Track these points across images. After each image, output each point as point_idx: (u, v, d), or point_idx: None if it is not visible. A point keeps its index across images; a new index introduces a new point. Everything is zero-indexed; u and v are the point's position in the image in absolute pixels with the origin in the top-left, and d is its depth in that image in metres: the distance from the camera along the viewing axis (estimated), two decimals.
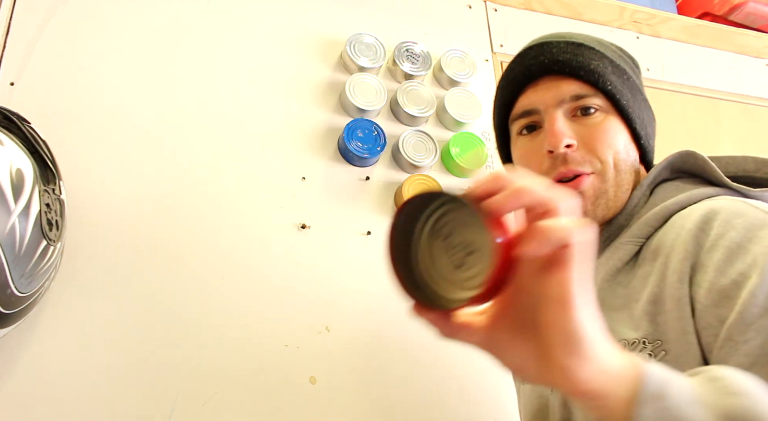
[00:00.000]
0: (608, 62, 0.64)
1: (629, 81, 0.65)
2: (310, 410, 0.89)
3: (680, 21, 1.52)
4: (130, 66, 1.01)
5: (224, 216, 0.96)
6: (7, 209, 0.62)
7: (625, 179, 0.63)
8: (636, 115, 0.65)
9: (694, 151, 0.63)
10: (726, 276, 0.48)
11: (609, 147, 0.62)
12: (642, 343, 0.53)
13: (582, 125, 0.63)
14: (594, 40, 0.68)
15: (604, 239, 0.64)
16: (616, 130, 0.63)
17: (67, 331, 0.82)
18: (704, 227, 0.52)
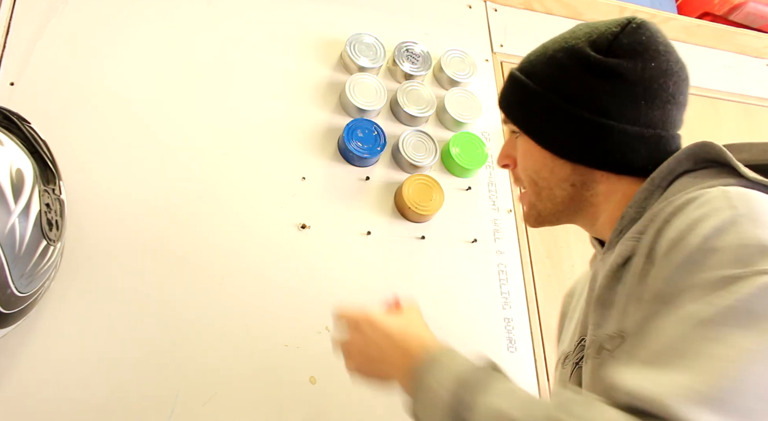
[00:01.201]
0: (520, 90, 0.68)
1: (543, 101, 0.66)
2: (310, 410, 0.89)
3: (680, 21, 1.52)
4: (130, 66, 1.01)
5: (224, 216, 0.96)
6: (7, 209, 0.62)
7: (554, 193, 0.68)
8: (544, 137, 0.67)
9: (710, 143, 0.61)
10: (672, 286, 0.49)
11: (525, 169, 0.70)
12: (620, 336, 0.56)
13: (515, 147, 0.72)
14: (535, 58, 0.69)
15: (617, 233, 0.64)
16: (531, 152, 0.68)
17: (67, 331, 0.82)
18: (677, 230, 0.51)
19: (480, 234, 1.10)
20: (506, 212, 1.15)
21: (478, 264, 1.08)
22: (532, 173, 0.69)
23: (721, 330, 0.42)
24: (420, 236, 1.06)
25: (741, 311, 0.43)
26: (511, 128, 0.71)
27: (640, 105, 0.63)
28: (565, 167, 0.67)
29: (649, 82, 0.64)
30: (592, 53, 0.64)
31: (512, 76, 0.71)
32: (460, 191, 1.13)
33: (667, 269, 0.50)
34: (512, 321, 1.06)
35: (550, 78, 0.66)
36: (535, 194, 0.70)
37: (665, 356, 0.45)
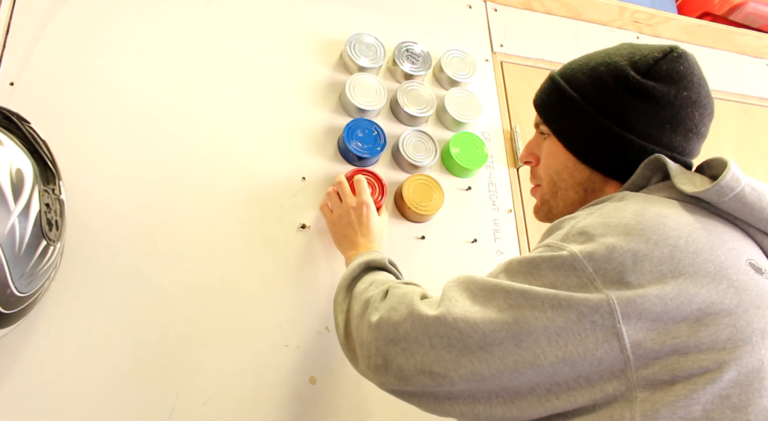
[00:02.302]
0: (558, 94, 0.74)
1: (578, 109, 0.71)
2: (310, 410, 0.89)
3: (680, 21, 1.52)
4: (130, 66, 1.01)
5: (224, 216, 0.96)
6: (6, 209, 0.62)
7: (568, 195, 0.75)
8: (573, 142, 0.73)
9: (657, 157, 0.67)
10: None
11: (546, 168, 0.77)
12: None
13: (541, 146, 0.79)
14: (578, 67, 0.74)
15: None
16: (556, 154, 0.75)
17: (67, 331, 0.82)
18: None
19: (480, 234, 1.10)
20: (506, 212, 1.15)
21: (478, 264, 1.08)
22: (553, 173, 0.76)
23: (511, 265, 0.61)
24: (420, 236, 1.06)
25: (530, 263, 0.58)
26: (541, 129, 0.78)
27: (665, 128, 0.69)
28: (584, 172, 0.73)
29: (678, 109, 0.70)
30: (632, 73, 0.69)
31: (552, 80, 0.76)
32: (460, 191, 1.13)
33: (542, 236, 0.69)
34: None
35: (587, 88, 0.71)
36: (550, 192, 0.77)
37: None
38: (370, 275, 0.78)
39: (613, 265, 0.54)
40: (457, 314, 0.58)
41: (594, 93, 0.71)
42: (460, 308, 0.59)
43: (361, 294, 0.73)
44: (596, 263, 0.54)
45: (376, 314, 0.66)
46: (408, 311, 0.62)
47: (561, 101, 0.74)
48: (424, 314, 0.61)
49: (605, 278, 0.54)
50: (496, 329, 0.55)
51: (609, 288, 0.53)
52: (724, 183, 0.59)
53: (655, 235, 0.55)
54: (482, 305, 0.58)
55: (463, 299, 0.60)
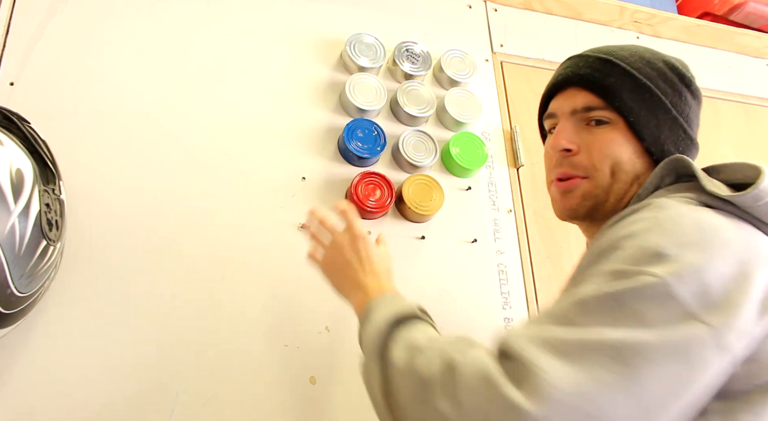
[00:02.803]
0: (629, 80, 0.70)
1: (653, 99, 0.69)
2: (310, 410, 0.89)
3: (680, 21, 1.52)
4: (130, 66, 1.01)
5: (224, 216, 0.96)
6: (6, 209, 0.62)
7: (621, 189, 0.69)
8: (648, 132, 0.69)
9: (680, 158, 0.66)
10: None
11: (607, 157, 0.69)
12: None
13: (590, 134, 0.71)
14: (632, 56, 0.72)
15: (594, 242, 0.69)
16: (620, 143, 0.69)
17: (67, 331, 0.82)
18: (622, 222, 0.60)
19: (480, 234, 1.10)
20: (506, 212, 1.15)
21: (478, 264, 1.08)
22: (614, 164, 0.69)
23: (588, 306, 0.50)
24: (420, 236, 1.06)
25: (611, 298, 0.50)
26: (597, 115, 0.70)
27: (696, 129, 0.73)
28: (644, 165, 0.70)
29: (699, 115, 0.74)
30: (688, 73, 0.72)
31: (616, 64, 0.71)
32: (460, 191, 1.13)
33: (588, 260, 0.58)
34: (512, 321, 1.06)
35: (656, 80, 0.70)
36: (605, 185, 0.69)
37: (539, 316, 0.54)
38: (403, 332, 0.62)
39: (704, 288, 0.49)
40: (563, 393, 0.45)
41: (665, 86, 0.70)
42: (558, 380, 0.45)
43: (407, 367, 0.57)
44: (689, 288, 0.49)
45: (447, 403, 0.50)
46: (503, 405, 0.46)
47: (637, 88, 0.70)
48: (524, 409, 0.45)
49: (702, 303, 0.48)
50: (616, 402, 0.45)
51: (710, 314, 0.48)
52: (763, 187, 0.58)
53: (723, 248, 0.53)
54: (582, 369, 0.46)
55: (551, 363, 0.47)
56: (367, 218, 1.03)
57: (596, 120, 0.71)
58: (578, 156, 0.71)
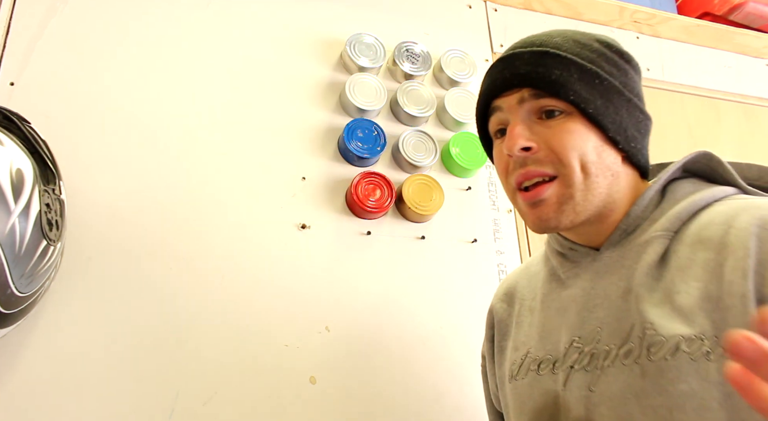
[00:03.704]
0: (575, 69, 0.63)
1: (603, 84, 0.63)
2: (310, 410, 0.89)
3: (680, 21, 1.52)
4: (130, 66, 1.01)
5: (224, 216, 0.96)
6: (7, 209, 0.62)
7: (596, 183, 0.62)
8: (609, 119, 0.62)
9: (710, 152, 0.63)
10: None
11: (573, 149, 0.61)
12: (700, 339, 0.53)
13: (546, 127, 0.63)
14: (569, 42, 0.65)
15: (622, 231, 0.63)
16: (581, 133, 0.62)
17: (67, 331, 0.82)
18: (763, 224, 0.53)
19: (480, 234, 1.10)
20: (506, 212, 1.15)
21: (478, 264, 1.08)
22: (582, 155, 0.61)
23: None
24: (420, 236, 1.06)
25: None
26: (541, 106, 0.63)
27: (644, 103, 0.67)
28: (611, 154, 0.63)
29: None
30: (622, 48, 0.65)
31: (555, 55, 0.63)
32: (460, 191, 1.13)
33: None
34: None
35: (601, 61, 0.64)
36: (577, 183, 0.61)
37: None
38: None
39: None
40: None
41: (609, 67, 0.64)
42: None
43: None
44: None
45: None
46: None
47: (585, 75, 0.62)
48: None
49: None
50: None
51: None
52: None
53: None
54: None
55: None
56: (367, 217, 1.03)
57: (546, 112, 0.63)
58: (539, 154, 0.62)
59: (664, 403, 0.54)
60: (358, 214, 1.03)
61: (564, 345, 0.64)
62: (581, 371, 0.61)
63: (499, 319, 0.77)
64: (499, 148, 0.67)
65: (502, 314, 0.77)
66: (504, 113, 0.66)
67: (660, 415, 0.54)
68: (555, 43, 0.64)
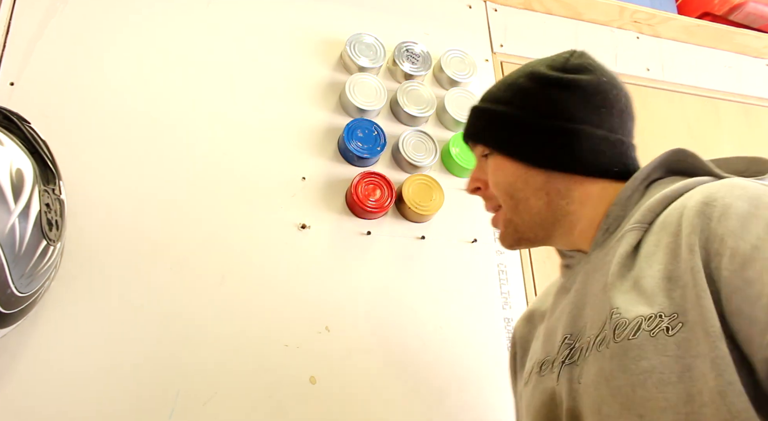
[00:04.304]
0: (487, 116, 0.74)
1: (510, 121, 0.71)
2: (310, 410, 0.89)
3: (680, 21, 1.52)
4: (130, 66, 1.01)
5: (224, 216, 0.96)
6: (7, 209, 0.62)
7: (529, 205, 0.71)
8: (524, 152, 0.71)
9: (684, 149, 0.66)
10: (745, 241, 0.51)
11: (498, 184, 0.73)
12: (658, 317, 0.56)
13: (484, 169, 0.75)
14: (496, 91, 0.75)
15: (604, 231, 0.67)
16: (504, 168, 0.72)
17: (67, 331, 0.82)
18: (708, 201, 0.56)
19: (480, 234, 1.10)
20: None
21: (478, 264, 1.08)
22: (506, 187, 0.72)
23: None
24: (420, 236, 1.06)
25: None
26: (480, 153, 0.75)
27: (601, 111, 0.70)
28: (539, 177, 0.70)
29: (605, 93, 0.71)
30: (552, 72, 0.71)
31: (475, 109, 0.76)
32: (460, 191, 1.13)
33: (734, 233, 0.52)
34: (512, 321, 1.06)
35: (515, 98, 0.72)
36: (511, 209, 0.72)
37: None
38: None
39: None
40: None
41: (524, 100, 0.71)
42: None
43: None
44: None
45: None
46: None
47: (493, 119, 0.73)
48: None
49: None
50: None
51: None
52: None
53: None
54: None
55: None
56: (367, 217, 1.03)
57: (484, 156, 0.75)
58: (487, 190, 0.75)
59: (628, 381, 0.56)
60: (358, 214, 1.03)
61: (558, 343, 0.68)
62: (571, 365, 0.64)
63: (520, 336, 0.83)
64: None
65: (524, 333, 0.83)
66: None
67: (624, 394, 0.56)
68: (487, 95, 0.76)
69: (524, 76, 0.73)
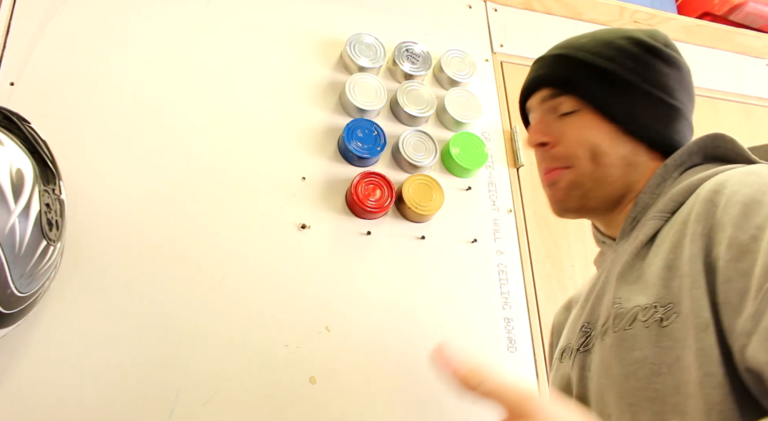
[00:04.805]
0: (585, 67, 0.69)
1: (617, 79, 0.68)
2: (310, 410, 0.89)
3: (680, 21, 1.52)
4: (130, 66, 1.01)
5: (224, 216, 0.96)
6: (7, 209, 0.62)
7: (611, 172, 0.67)
8: (622, 112, 0.67)
9: (722, 134, 0.65)
10: (744, 231, 0.49)
11: (582, 143, 0.68)
12: (653, 307, 0.55)
13: (563, 123, 0.70)
14: (589, 43, 0.70)
15: (631, 219, 0.66)
16: (592, 127, 0.68)
17: (67, 331, 0.82)
18: (717, 189, 0.55)
19: (480, 234, 1.10)
20: (506, 212, 1.15)
21: (478, 264, 1.08)
22: (592, 147, 0.67)
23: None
24: (420, 236, 1.06)
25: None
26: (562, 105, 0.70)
27: (688, 95, 0.70)
28: (627, 145, 0.68)
29: (689, 78, 0.71)
30: (656, 43, 0.69)
31: (567, 57, 0.70)
32: (460, 191, 1.13)
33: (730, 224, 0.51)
34: (512, 321, 1.06)
35: (619, 58, 0.69)
36: (587, 173, 0.67)
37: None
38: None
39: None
40: None
41: (629, 61, 0.68)
42: None
43: None
44: None
45: None
46: None
47: (593, 73, 0.68)
48: None
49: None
50: None
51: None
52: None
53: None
54: None
55: None
56: (367, 217, 1.03)
57: (559, 109, 0.70)
58: (556, 148, 0.69)
59: (621, 370, 0.56)
60: (358, 214, 1.03)
61: (577, 331, 0.68)
62: (585, 352, 0.65)
63: (557, 323, 0.83)
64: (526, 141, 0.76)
65: (561, 320, 0.82)
66: (533, 111, 0.75)
67: (618, 383, 0.56)
68: (577, 44, 0.71)
69: (624, 39, 0.70)
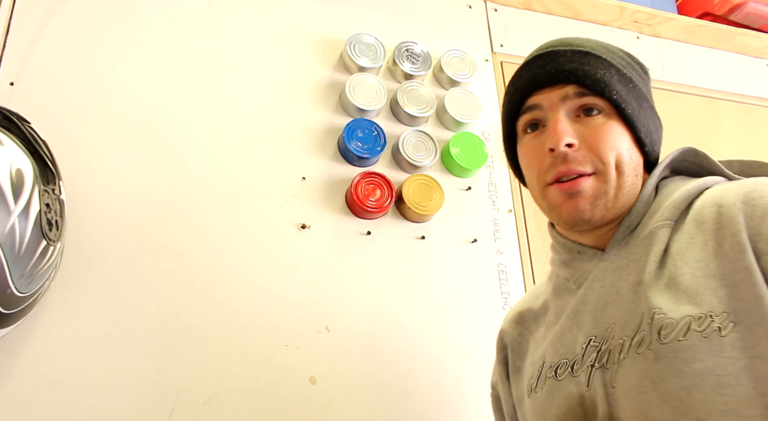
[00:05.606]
0: (615, 71, 0.66)
1: (635, 89, 0.67)
2: (310, 410, 0.89)
3: (680, 21, 1.52)
4: (130, 66, 1.01)
5: (224, 216, 0.96)
6: (7, 209, 0.62)
7: (627, 182, 0.64)
8: (641, 123, 0.66)
9: (694, 148, 0.66)
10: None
11: (611, 148, 0.64)
12: (709, 317, 0.54)
13: (585, 126, 0.65)
14: (602, 48, 0.68)
15: (625, 228, 0.65)
16: (619, 134, 0.65)
17: (67, 331, 0.82)
18: (747, 200, 0.56)
19: (480, 234, 1.10)
20: (506, 212, 1.15)
21: (478, 264, 1.08)
22: (619, 155, 0.64)
23: None
24: (420, 236, 1.06)
25: None
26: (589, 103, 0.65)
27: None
28: (638, 156, 0.67)
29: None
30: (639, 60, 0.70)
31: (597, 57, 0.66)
32: (460, 191, 1.13)
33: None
34: None
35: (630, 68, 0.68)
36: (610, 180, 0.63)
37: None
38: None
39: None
40: None
41: (636, 75, 0.68)
42: None
43: None
44: None
45: None
46: None
47: (623, 79, 0.66)
48: None
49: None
50: None
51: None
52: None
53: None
54: None
55: None
56: (367, 217, 1.03)
57: (586, 109, 0.65)
58: (579, 151, 0.64)
59: (681, 384, 0.54)
60: (358, 214, 1.03)
61: (581, 346, 0.64)
62: (601, 369, 0.62)
63: (512, 339, 0.78)
64: (532, 143, 0.68)
65: (514, 335, 0.78)
66: (542, 109, 0.67)
67: (677, 397, 0.54)
68: (592, 45, 0.68)
69: (621, 51, 0.70)
